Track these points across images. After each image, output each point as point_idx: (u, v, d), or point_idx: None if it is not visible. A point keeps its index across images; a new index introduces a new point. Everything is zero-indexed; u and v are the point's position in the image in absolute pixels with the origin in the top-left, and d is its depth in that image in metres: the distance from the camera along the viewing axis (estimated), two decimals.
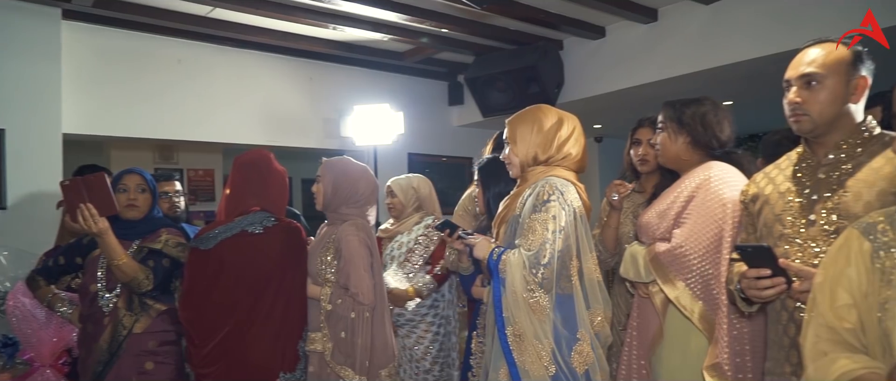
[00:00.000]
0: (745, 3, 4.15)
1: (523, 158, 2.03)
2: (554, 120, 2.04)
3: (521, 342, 1.87)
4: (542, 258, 1.86)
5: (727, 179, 1.93)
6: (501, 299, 1.92)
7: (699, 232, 1.90)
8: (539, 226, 1.89)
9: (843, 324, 1.10)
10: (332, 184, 2.34)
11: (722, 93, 5.24)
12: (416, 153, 6.04)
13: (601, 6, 4.30)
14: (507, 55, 5.18)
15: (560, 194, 1.92)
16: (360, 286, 2.20)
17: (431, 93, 6.23)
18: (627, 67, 4.85)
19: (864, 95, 1.53)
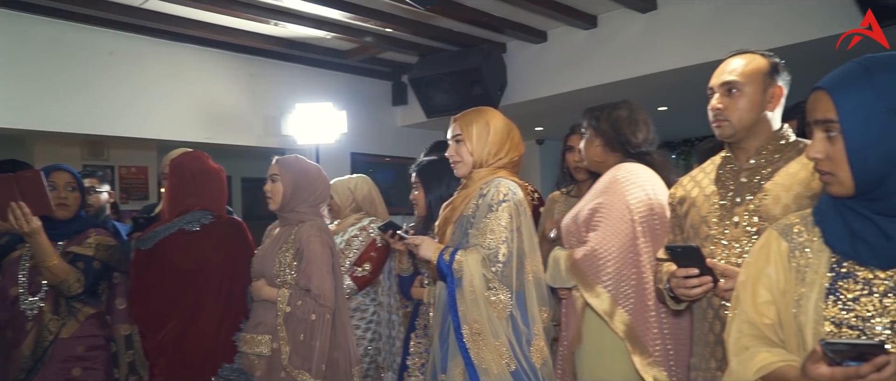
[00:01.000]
0: (680, 13, 4.32)
1: (477, 157, 2.06)
2: (506, 123, 2.12)
3: (480, 339, 1.89)
4: (500, 256, 1.91)
5: (633, 180, 1.99)
6: (456, 299, 1.94)
7: (612, 234, 1.95)
8: (495, 225, 1.93)
9: (764, 320, 1.16)
10: (291, 184, 2.29)
11: (658, 98, 5.44)
12: (359, 153, 6.00)
13: (543, 11, 4.39)
14: (451, 56, 5.21)
15: (513, 195, 1.97)
16: (322, 288, 2.18)
17: (375, 92, 6.20)
18: (568, 71, 4.96)
19: (780, 104, 1.63)
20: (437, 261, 1.98)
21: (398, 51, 5.29)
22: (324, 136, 4.86)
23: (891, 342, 1.01)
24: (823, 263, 1.10)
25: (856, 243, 1.06)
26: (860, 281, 1.05)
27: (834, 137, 1.04)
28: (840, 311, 1.05)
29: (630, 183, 1.99)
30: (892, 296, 1.02)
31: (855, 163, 1.02)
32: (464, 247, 1.99)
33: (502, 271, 1.91)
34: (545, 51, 5.14)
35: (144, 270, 2.33)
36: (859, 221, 1.06)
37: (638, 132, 2.10)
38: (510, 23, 4.75)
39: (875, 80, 1.02)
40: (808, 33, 3.75)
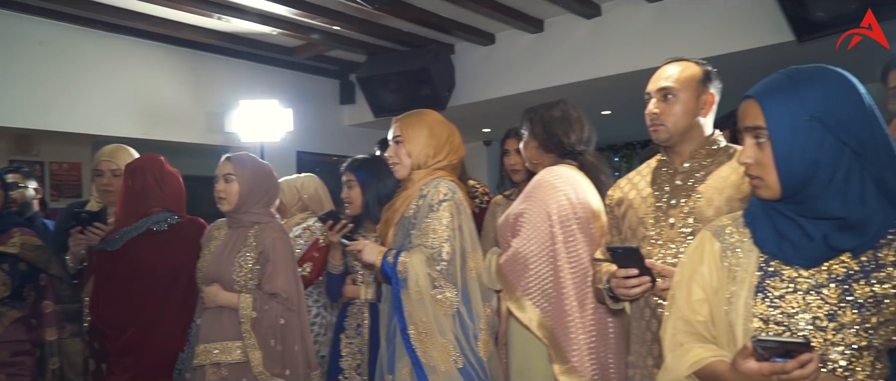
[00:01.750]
0: (623, 20, 4.45)
1: (415, 159, 2.07)
2: (445, 126, 2.12)
3: (427, 338, 1.91)
4: (444, 255, 1.93)
5: (555, 183, 2.01)
6: (402, 300, 1.94)
7: (532, 239, 1.99)
8: (438, 225, 1.95)
9: (697, 317, 1.20)
10: (248, 184, 2.21)
11: (602, 102, 5.59)
12: (305, 152, 5.91)
13: (491, 14, 4.43)
14: (400, 56, 5.20)
15: (453, 194, 1.99)
16: (290, 291, 2.14)
17: (322, 91, 6.12)
18: (515, 74, 5.03)
19: (712, 110, 1.69)
20: (381, 264, 1.98)
21: (346, 49, 5.24)
22: (269, 134, 4.76)
23: (812, 336, 1.07)
24: (753, 262, 1.15)
25: (782, 244, 1.11)
26: (786, 279, 1.11)
27: (762, 143, 1.09)
28: (767, 308, 1.10)
29: (552, 187, 2.01)
30: (814, 293, 1.08)
31: (781, 168, 1.07)
32: (407, 248, 1.99)
33: (447, 270, 1.93)
34: (493, 53, 5.19)
35: (111, 270, 2.30)
36: (785, 223, 1.11)
37: (571, 133, 2.12)
38: (458, 24, 4.78)
39: (799, 89, 1.07)
40: (742, 44, 3.92)
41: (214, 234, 2.30)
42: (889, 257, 1.06)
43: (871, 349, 1.05)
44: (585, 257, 1.97)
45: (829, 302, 1.07)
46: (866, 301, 1.05)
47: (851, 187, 1.05)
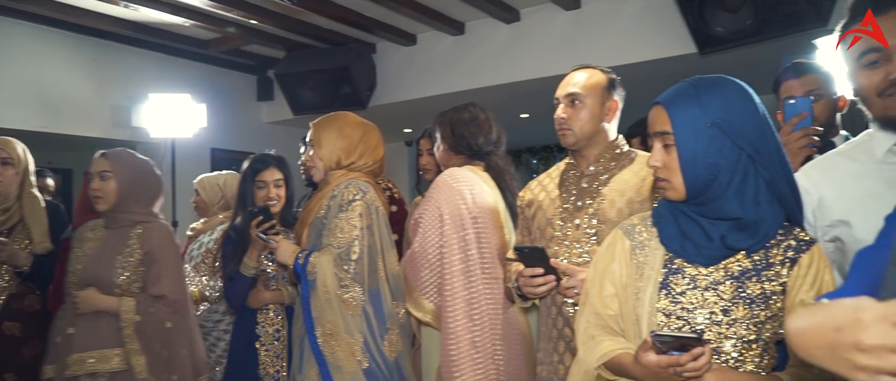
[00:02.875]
0: (541, 26, 4.58)
1: (327, 161, 2.08)
2: (359, 128, 2.12)
3: (333, 339, 1.91)
4: (352, 255, 1.93)
5: (451, 183, 2.05)
6: (310, 301, 1.94)
7: (427, 240, 2.03)
8: (346, 224, 1.95)
9: (608, 311, 1.27)
10: (127, 182, 2.10)
11: (521, 106, 5.72)
12: (220, 149, 5.69)
13: (413, 14, 4.45)
14: (320, 53, 5.12)
15: (364, 194, 2.00)
16: (178, 294, 2.07)
17: (238, 86, 5.92)
18: (437, 75, 5.07)
19: (616, 116, 1.78)
20: (293, 265, 1.98)
21: (264, 44, 5.10)
22: (180, 129, 4.55)
23: (708, 330, 1.14)
24: (658, 260, 1.21)
25: (684, 243, 1.19)
26: (687, 276, 1.18)
27: (669, 147, 1.16)
28: (670, 303, 1.17)
29: (447, 187, 2.04)
30: (711, 290, 1.16)
31: (686, 171, 1.14)
32: (318, 249, 2.00)
33: (355, 269, 1.93)
34: (415, 54, 5.21)
35: None
36: (688, 223, 1.19)
37: (479, 135, 2.16)
38: (380, 24, 4.76)
39: (701, 97, 1.15)
40: (650, 54, 4.14)
41: (88, 235, 2.15)
42: (777, 256, 1.14)
43: (760, 341, 1.13)
44: (479, 256, 1.99)
45: (724, 298, 1.14)
46: (756, 298, 1.13)
47: (747, 190, 1.13)
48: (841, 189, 1.28)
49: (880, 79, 1.16)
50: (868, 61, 1.17)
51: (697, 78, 1.20)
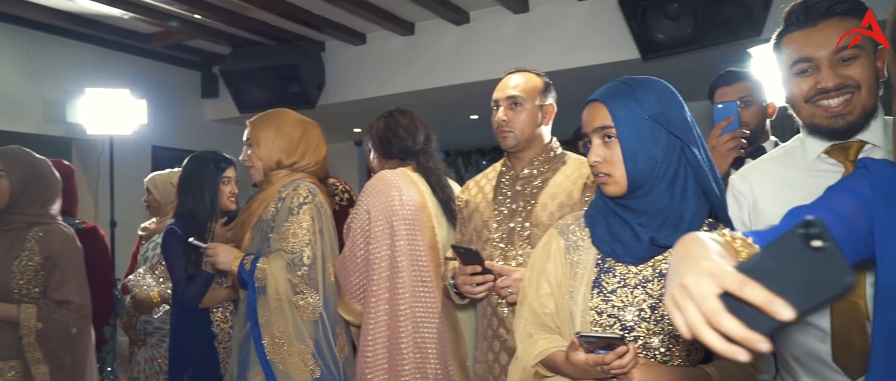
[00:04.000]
0: (490, 29, 4.64)
1: (267, 161, 2.01)
2: (298, 125, 2.06)
3: (284, 347, 1.86)
4: (305, 259, 1.89)
5: (377, 185, 2.06)
6: (257, 309, 1.88)
7: (356, 239, 2.04)
8: (298, 228, 1.90)
9: (545, 310, 1.30)
10: (21, 181, 2.00)
11: (470, 107, 5.76)
12: (162, 147, 5.52)
13: (362, 14, 4.43)
14: (267, 51, 5.03)
15: (313, 197, 1.95)
16: (83, 298, 1.98)
17: (182, 82, 5.75)
18: (386, 75, 5.05)
19: (551, 119, 1.82)
20: (237, 270, 1.90)
21: (208, 40, 4.97)
22: (119, 126, 4.39)
23: (637, 327, 1.19)
24: (591, 259, 1.26)
25: (614, 243, 1.23)
26: (617, 275, 1.22)
27: (610, 141, 1.20)
28: (601, 302, 1.21)
29: (374, 190, 2.05)
30: (640, 288, 1.20)
31: (628, 162, 1.17)
32: (265, 253, 1.93)
33: (308, 274, 1.89)
34: (364, 53, 5.18)
35: None
36: (618, 223, 1.23)
37: (406, 138, 2.17)
38: (329, 22, 4.72)
39: (636, 93, 1.20)
40: (595, 58, 4.24)
41: None
42: None
43: None
44: (408, 257, 2.01)
45: (652, 296, 1.19)
46: None
47: (678, 181, 1.18)
48: (773, 195, 1.34)
49: (809, 87, 1.23)
50: (799, 70, 1.24)
51: (627, 77, 1.25)
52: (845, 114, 1.21)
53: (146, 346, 2.71)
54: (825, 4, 1.20)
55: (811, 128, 1.28)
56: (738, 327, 0.59)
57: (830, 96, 1.21)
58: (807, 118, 1.27)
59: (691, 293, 0.63)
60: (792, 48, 1.24)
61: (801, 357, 1.32)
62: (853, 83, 1.19)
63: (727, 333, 0.60)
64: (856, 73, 1.19)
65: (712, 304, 0.61)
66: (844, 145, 1.26)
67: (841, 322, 1.23)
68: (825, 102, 1.22)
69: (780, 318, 0.57)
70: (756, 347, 0.59)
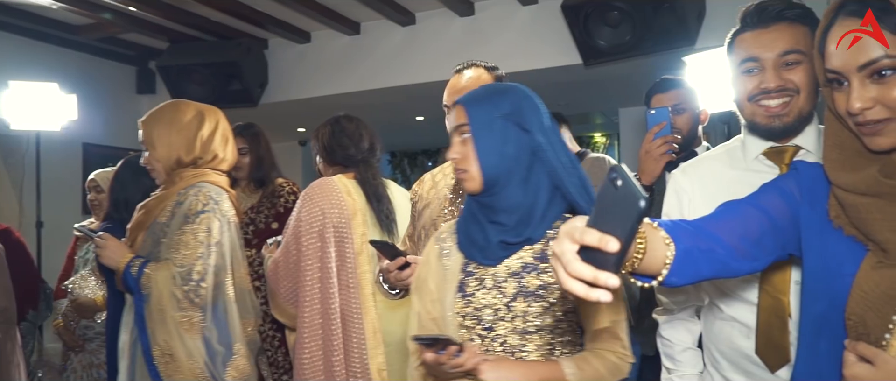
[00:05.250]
0: (436, 30, 4.66)
1: (166, 162, 1.88)
2: (193, 116, 1.90)
3: (172, 362, 1.74)
4: (194, 274, 1.76)
5: (311, 193, 2.09)
6: (145, 317, 1.76)
7: (288, 244, 2.06)
8: (192, 239, 1.78)
9: (429, 315, 1.36)
10: None
11: (417, 108, 5.77)
12: (93, 144, 5.27)
13: (307, 12, 4.37)
14: (207, 47, 4.89)
15: (215, 205, 1.83)
16: (6, 301, 1.92)
17: (115, 77, 5.52)
18: (331, 74, 5.00)
19: None
20: (123, 272, 1.79)
21: (145, 33, 4.80)
22: (46, 121, 4.17)
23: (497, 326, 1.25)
24: (458, 264, 1.32)
25: (471, 247, 1.30)
26: (477, 278, 1.28)
27: (466, 138, 1.27)
28: (464, 305, 1.28)
29: (307, 197, 2.07)
30: (496, 289, 1.26)
31: (481, 158, 1.24)
32: (155, 258, 1.82)
33: (196, 290, 1.77)
34: (309, 52, 5.11)
35: None
36: (475, 227, 1.29)
37: (349, 146, 2.19)
38: (273, 19, 4.63)
39: (492, 96, 1.28)
40: (539, 63, 4.33)
41: None
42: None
43: (542, 331, 1.24)
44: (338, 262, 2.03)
45: (507, 294, 1.25)
46: (535, 290, 1.24)
47: (531, 178, 1.24)
48: (710, 191, 1.39)
49: (753, 86, 1.29)
50: (746, 69, 1.30)
51: (494, 84, 1.33)
52: (783, 115, 1.28)
53: (84, 352, 2.59)
54: (777, 8, 1.26)
55: (751, 126, 1.35)
56: (588, 269, 0.70)
57: (771, 97, 1.28)
58: (748, 116, 1.34)
59: (556, 253, 0.74)
60: (742, 48, 1.30)
61: (726, 351, 1.38)
62: (793, 87, 1.26)
63: (581, 277, 0.71)
64: (797, 77, 1.26)
65: (568, 257, 0.72)
66: (780, 149, 1.33)
67: (765, 317, 1.30)
68: (766, 102, 1.28)
69: (610, 250, 0.68)
70: (607, 283, 0.69)
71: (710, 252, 0.96)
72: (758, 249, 1.01)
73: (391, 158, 9.90)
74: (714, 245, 0.97)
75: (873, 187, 0.90)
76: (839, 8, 0.91)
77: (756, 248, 1.01)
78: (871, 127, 0.89)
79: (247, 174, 2.73)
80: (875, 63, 0.87)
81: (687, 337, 1.56)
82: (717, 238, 0.98)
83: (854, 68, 0.89)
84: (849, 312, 0.91)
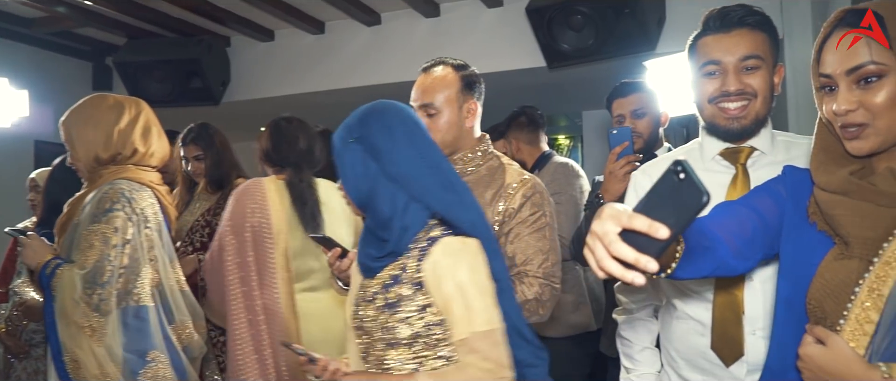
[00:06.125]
0: (402, 31, 4.65)
1: (86, 162, 1.81)
2: (112, 110, 1.81)
3: (79, 368, 1.67)
4: (100, 277, 1.67)
5: (237, 195, 2.15)
6: (55, 319, 1.69)
7: (213, 247, 2.12)
8: (98, 240, 1.69)
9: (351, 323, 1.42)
10: None
11: None
12: (46, 142, 5.09)
13: (271, 10, 4.31)
14: (167, 43, 4.78)
15: (127, 202, 1.74)
16: None
17: (70, 73, 5.34)
18: (295, 73, 4.94)
19: (475, 118, 1.82)
20: (39, 272, 1.72)
21: (101, 28, 4.66)
22: None
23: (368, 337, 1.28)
24: (357, 277, 1.36)
25: (361, 262, 1.33)
26: (363, 289, 1.32)
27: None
28: (352, 315, 1.33)
29: (234, 199, 2.14)
30: (370, 301, 1.28)
31: (345, 185, 1.29)
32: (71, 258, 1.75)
33: (101, 295, 1.67)
34: (272, 50, 5.04)
35: None
36: (364, 243, 1.33)
37: (283, 149, 2.22)
38: (235, 16, 4.55)
39: (350, 121, 1.31)
40: (504, 65, 4.35)
41: None
42: (414, 253, 1.26)
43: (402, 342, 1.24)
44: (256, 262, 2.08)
45: (377, 307, 1.27)
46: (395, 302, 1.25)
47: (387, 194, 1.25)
48: None
49: (714, 88, 1.34)
50: (707, 72, 1.35)
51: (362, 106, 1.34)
52: (741, 117, 1.33)
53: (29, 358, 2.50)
54: (739, 14, 1.31)
55: (710, 127, 1.40)
56: (630, 251, 0.74)
57: (731, 100, 1.33)
58: (708, 118, 1.38)
59: (598, 234, 0.77)
60: (704, 51, 1.34)
61: (682, 350, 1.42)
62: (752, 91, 1.31)
63: (623, 257, 0.74)
64: (755, 82, 1.31)
65: (611, 238, 0.75)
66: (736, 150, 1.38)
67: (720, 313, 1.34)
68: (725, 105, 1.33)
69: (660, 237, 0.72)
70: (647, 267, 0.73)
71: (712, 250, 1.02)
72: (751, 248, 1.08)
73: None
74: (715, 244, 1.03)
75: (842, 186, 0.98)
76: (838, 21, 0.98)
77: (749, 247, 1.08)
78: (853, 131, 0.97)
79: (204, 177, 2.69)
80: (862, 68, 0.94)
81: (646, 337, 1.60)
82: (717, 237, 1.04)
83: (843, 72, 0.96)
84: (810, 297, 1.00)
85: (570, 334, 2.63)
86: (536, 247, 1.64)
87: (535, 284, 1.62)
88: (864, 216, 0.95)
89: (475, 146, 1.79)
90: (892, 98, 0.93)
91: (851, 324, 0.93)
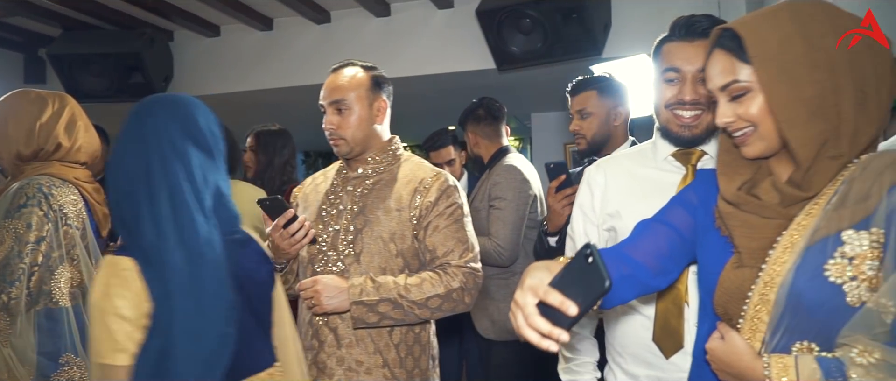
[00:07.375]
0: (352, 30, 4.61)
1: (8, 159, 1.75)
2: (35, 104, 1.74)
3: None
4: (9, 275, 1.60)
5: None
6: None
7: None
8: (9, 236, 1.62)
9: None
10: None
11: None
12: None
13: (216, 4, 4.20)
14: (106, 35, 4.60)
15: (44, 198, 1.66)
16: None
17: (1, 65, 5.07)
18: (241, 70, 4.84)
19: (384, 117, 1.84)
20: None
21: (34, 18, 4.44)
22: None
23: None
24: None
25: None
26: None
27: None
28: None
29: None
30: None
31: None
32: None
33: (10, 293, 1.60)
34: (218, 46, 4.92)
35: None
36: None
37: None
38: (178, 10, 4.42)
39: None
40: (454, 66, 4.37)
41: None
42: None
43: None
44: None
45: None
46: None
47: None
48: (624, 186, 1.49)
49: (671, 95, 1.39)
50: (667, 78, 1.39)
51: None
52: (693, 127, 1.39)
53: None
54: (704, 25, 1.36)
55: (664, 131, 1.45)
56: (545, 324, 0.84)
57: (686, 108, 1.38)
58: (663, 122, 1.43)
59: (518, 304, 0.88)
60: (666, 57, 1.39)
61: (627, 345, 1.47)
62: (706, 102, 1.36)
63: (539, 329, 0.84)
64: None
65: (530, 310, 0.86)
66: (687, 152, 1.44)
67: (663, 305, 1.39)
68: (680, 112, 1.39)
69: (570, 314, 0.80)
70: (559, 338, 0.83)
71: (632, 278, 1.12)
72: (671, 263, 1.17)
73: (305, 157, 9.69)
74: (635, 270, 1.12)
75: (734, 199, 1.07)
76: (714, 44, 1.06)
77: (669, 262, 1.16)
78: (740, 138, 1.05)
79: None
80: (730, 86, 1.03)
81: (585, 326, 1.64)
82: (636, 263, 1.13)
83: (718, 89, 1.05)
84: (715, 303, 1.10)
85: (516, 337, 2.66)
86: (456, 238, 1.70)
87: (459, 273, 1.68)
88: (751, 228, 1.05)
89: (386, 147, 1.82)
90: (763, 108, 1.00)
91: (748, 323, 1.04)
